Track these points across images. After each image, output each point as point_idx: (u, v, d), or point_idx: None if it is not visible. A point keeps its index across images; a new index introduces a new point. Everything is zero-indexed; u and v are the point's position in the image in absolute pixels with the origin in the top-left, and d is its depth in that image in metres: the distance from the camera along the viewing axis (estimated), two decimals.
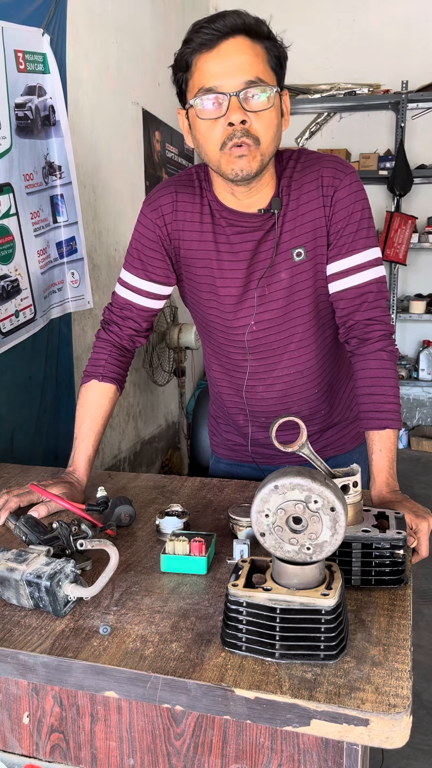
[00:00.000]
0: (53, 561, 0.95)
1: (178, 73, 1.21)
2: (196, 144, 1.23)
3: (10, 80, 1.95)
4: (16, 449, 2.19)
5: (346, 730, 0.74)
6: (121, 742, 0.89)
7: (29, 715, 0.92)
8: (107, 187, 3.04)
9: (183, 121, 1.26)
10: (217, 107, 1.16)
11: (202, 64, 1.15)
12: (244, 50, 1.14)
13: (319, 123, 5.07)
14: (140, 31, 3.42)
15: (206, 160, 1.24)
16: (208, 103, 1.16)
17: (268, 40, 1.17)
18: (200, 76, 1.16)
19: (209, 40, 1.13)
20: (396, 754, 1.98)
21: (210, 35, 1.13)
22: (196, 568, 1.03)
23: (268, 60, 1.17)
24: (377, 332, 1.30)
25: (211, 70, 1.15)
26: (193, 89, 1.18)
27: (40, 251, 2.18)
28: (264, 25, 1.17)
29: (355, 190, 1.28)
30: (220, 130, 1.17)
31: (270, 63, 1.18)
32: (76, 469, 1.37)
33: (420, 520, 1.14)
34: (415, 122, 4.84)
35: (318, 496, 0.79)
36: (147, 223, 1.37)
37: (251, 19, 1.15)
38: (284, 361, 1.40)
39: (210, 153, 1.21)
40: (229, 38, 1.13)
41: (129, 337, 1.44)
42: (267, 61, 1.17)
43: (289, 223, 1.29)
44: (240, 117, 1.15)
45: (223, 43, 1.14)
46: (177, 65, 1.20)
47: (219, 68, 1.14)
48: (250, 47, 1.15)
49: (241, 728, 0.83)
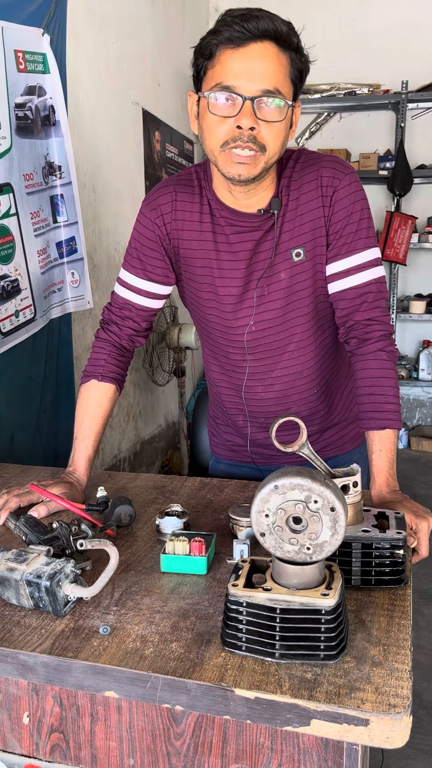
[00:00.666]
0: (53, 561, 0.95)
1: (199, 59, 1.19)
2: (200, 133, 1.23)
3: (10, 80, 1.95)
4: (16, 449, 2.19)
5: (346, 730, 0.74)
6: (121, 742, 0.89)
7: (29, 715, 0.92)
8: (107, 187, 3.04)
9: (192, 105, 1.25)
10: (230, 106, 1.15)
11: (225, 59, 1.14)
12: (269, 57, 1.13)
13: (319, 123, 5.07)
14: (140, 31, 3.42)
15: (206, 151, 1.24)
16: (222, 100, 1.15)
17: (295, 52, 1.16)
18: (221, 71, 1.15)
19: (238, 37, 1.12)
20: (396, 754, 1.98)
21: (240, 33, 1.11)
22: (196, 568, 1.03)
23: (290, 72, 1.17)
24: (377, 332, 1.30)
25: (233, 68, 1.14)
26: (211, 81, 1.17)
27: (40, 251, 2.18)
28: (295, 35, 1.16)
29: (355, 190, 1.28)
30: (227, 129, 1.17)
31: (291, 75, 1.17)
32: (76, 469, 1.37)
33: (420, 520, 1.14)
34: (415, 122, 4.84)
35: (318, 496, 0.79)
36: (146, 223, 1.37)
37: (284, 26, 1.14)
38: (283, 362, 1.40)
39: (211, 147, 1.20)
40: (258, 41, 1.12)
41: (128, 336, 1.44)
42: (289, 72, 1.16)
43: (289, 223, 1.29)
44: (250, 123, 1.14)
45: (251, 44, 1.12)
46: (200, 51, 1.18)
47: (241, 69, 1.13)
48: (276, 55, 1.14)
49: (241, 728, 0.83)
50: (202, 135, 1.23)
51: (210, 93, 1.16)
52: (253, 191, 1.26)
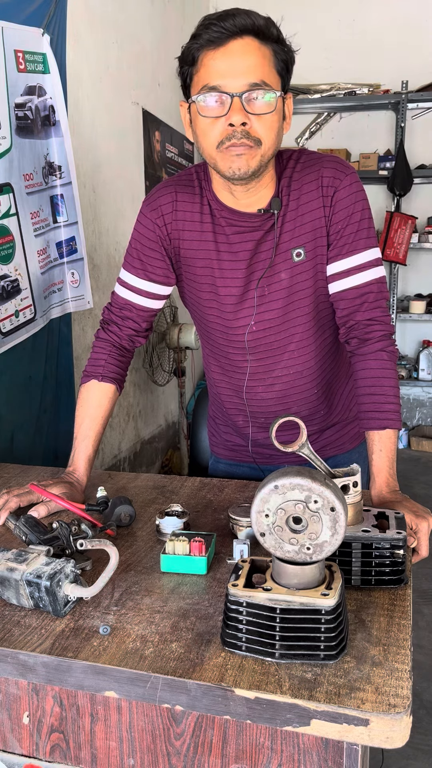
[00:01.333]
0: (53, 561, 0.95)
1: (184, 67, 1.20)
2: (195, 139, 1.24)
3: (10, 80, 1.95)
4: (16, 449, 2.19)
5: (346, 730, 0.74)
6: (121, 742, 0.89)
7: (29, 715, 0.92)
8: (107, 187, 3.04)
9: (185, 114, 1.25)
10: (219, 106, 1.16)
11: (208, 61, 1.15)
12: (251, 51, 1.14)
13: (319, 123, 5.07)
14: (140, 31, 3.42)
15: (203, 156, 1.24)
16: (211, 102, 1.16)
17: (276, 43, 1.16)
18: (205, 73, 1.16)
19: (217, 38, 1.13)
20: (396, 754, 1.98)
21: (219, 33, 1.12)
22: (196, 568, 1.03)
23: (275, 63, 1.17)
24: (377, 332, 1.31)
25: (216, 68, 1.14)
26: (197, 85, 1.17)
27: (40, 251, 2.18)
28: (274, 27, 1.16)
29: (356, 190, 1.28)
30: (220, 128, 1.17)
31: (276, 66, 1.17)
32: (76, 469, 1.37)
33: (420, 520, 1.14)
34: (415, 122, 4.84)
35: (318, 496, 0.79)
36: (147, 223, 1.37)
37: (261, 20, 1.14)
38: (284, 362, 1.40)
39: (207, 150, 1.21)
40: (237, 38, 1.13)
41: (128, 337, 1.44)
42: (273, 64, 1.17)
43: (289, 223, 1.29)
44: (241, 119, 1.14)
45: (231, 42, 1.13)
46: (183, 59, 1.20)
47: (224, 67, 1.14)
48: (258, 49, 1.14)
49: (241, 728, 0.83)
50: (197, 140, 1.23)
51: (198, 96, 1.16)
52: (253, 190, 1.26)
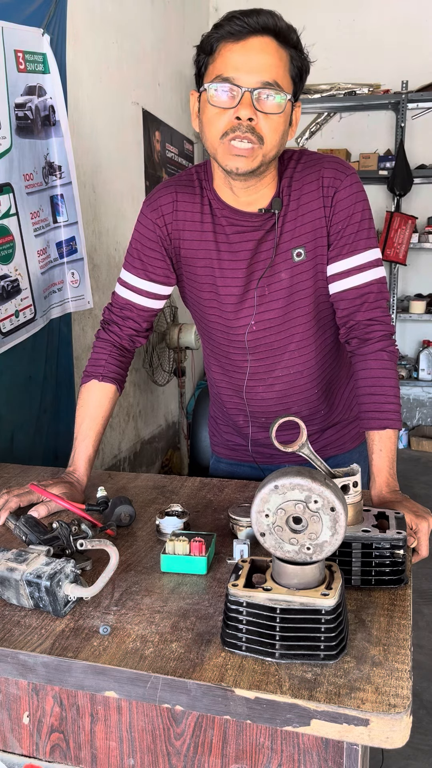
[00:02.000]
0: (53, 561, 0.95)
1: (201, 55, 1.22)
2: (201, 128, 1.24)
3: (10, 80, 1.95)
4: (16, 449, 2.19)
5: (346, 730, 0.74)
6: (121, 742, 0.89)
7: (29, 715, 0.92)
8: (107, 187, 3.04)
9: (194, 103, 1.26)
10: (229, 98, 1.17)
11: (226, 52, 1.16)
12: (269, 51, 1.15)
13: (319, 123, 5.07)
14: (140, 31, 3.42)
15: (206, 145, 1.25)
16: (222, 92, 1.17)
17: (294, 49, 1.18)
18: (221, 64, 1.17)
19: (238, 31, 1.14)
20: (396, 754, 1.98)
21: (240, 27, 1.14)
22: (196, 568, 1.03)
23: (290, 68, 1.18)
24: (378, 332, 1.31)
25: (233, 60, 1.15)
26: (211, 74, 1.18)
27: (40, 251, 2.18)
28: (294, 33, 1.18)
29: (356, 191, 1.28)
30: (226, 120, 1.18)
31: (291, 71, 1.19)
32: (76, 469, 1.37)
33: (420, 520, 1.14)
34: (415, 122, 4.84)
35: (318, 496, 0.79)
36: (147, 223, 1.37)
37: (284, 23, 1.16)
38: (284, 361, 1.40)
39: (210, 139, 1.21)
40: (258, 35, 1.14)
41: (129, 337, 1.44)
42: (288, 68, 1.18)
43: (290, 224, 1.29)
44: (248, 114, 1.15)
45: (251, 38, 1.15)
46: (201, 47, 1.21)
47: (241, 61, 1.15)
48: (276, 50, 1.16)
49: (241, 728, 0.83)
50: (202, 129, 1.24)
51: (210, 85, 1.18)
52: (253, 188, 1.26)
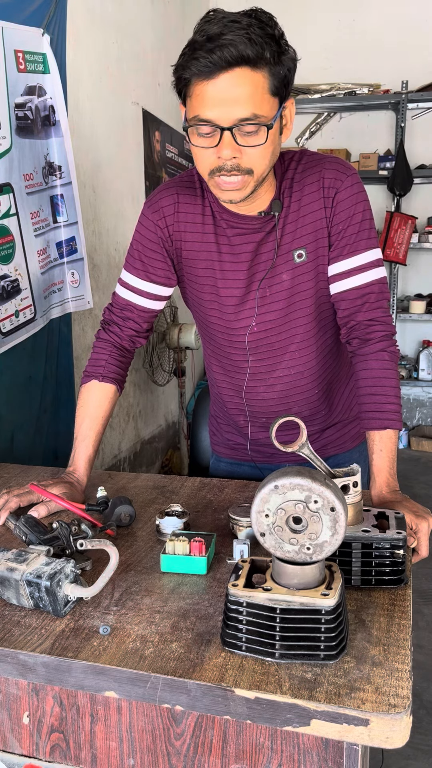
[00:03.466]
0: (53, 561, 0.95)
1: (178, 84, 1.16)
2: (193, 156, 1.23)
3: (10, 80, 1.95)
4: (16, 449, 2.19)
5: (346, 730, 0.74)
6: (121, 742, 0.89)
7: (29, 715, 0.92)
8: (107, 187, 3.04)
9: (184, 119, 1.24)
10: (210, 138, 1.14)
11: (199, 91, 1.11)
12: (241, 83, 1.08)
13: (319, 123, 5.07)
14: (140, 31, 3.42)
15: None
16: (203, 133, 1.14)
17: (272, 64, 1.10)
18: (197, 103, 1.12)
19: (207, 71, 1.08)
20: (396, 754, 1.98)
21: (207, 67, 1.07)
22: (196, 568, 1.03)
23: (270, 87, 1.11)
24: (379, 333, 1.31)
25: (206, 100, 1.11)
26: (191, 111, 1.15)
27: (40, 251, 2.18)
28: (269, 47, 1.08)
29: (357, 191, 1.28)
30: (212, 158, 1.16)
31: (272, 89, 1.12)
32: (76, 469, 1.37)
33: (420, 520, 1.14)
34: (415, 122, 4.84)
35: (318, 496, 0.79)
36: (148, 224, 1.37)
37: (251, 49, 1.06)
38: (285, 362, 1.40)
39: (202, 173, 1.21)
40: (227, 70, 1.07)
41: (129, 337, 1.44)
42: (267, 88, 1.11)
43: (291, 225, 1.29)
44: (231, 153, 1.13)
45: (221, 74, 1.08)
46: (176, 79, 1.16)
47: (214, 100, 1.10)
48: (249, 78, 1.08)
49: (241, 728, 0.83)
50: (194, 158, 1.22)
51: (190, 126, 1.15)
52: (251, 197, 1.26)
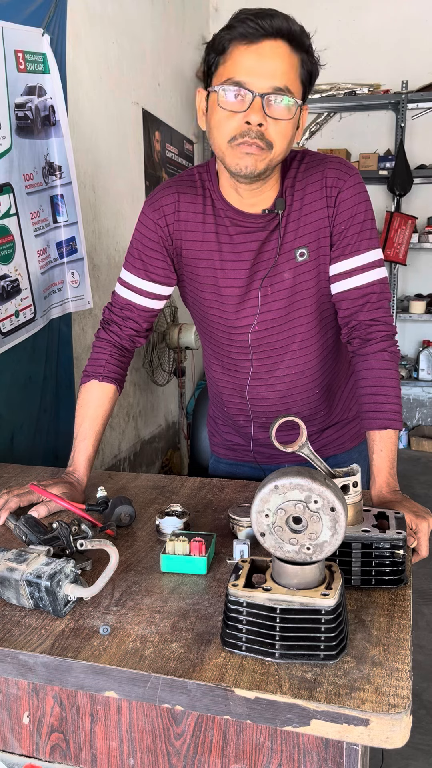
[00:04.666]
0: (53, 561, 0.95)
1: (211, 54, 1.19)
2: (208, 128, 1.24)
3: (10, 80, 1.95)
4: (16, 449, 2.19)
5: (346, 730, 0.74)
6: (121, 742, 0.89)
7: (29, 715, 0.92)
8: (107, 187, 3.04)
9: (201, 101, 1.25)
10: (240, 102, 1.15)
11: (238, 55, 1.15)
12: (281, 56, 1.14)
13: (319, 123, 5.07)
14: (140, 31, 3.42)
15: (213, 146, 1.24)
16: (232, 96, 1.15)
17: (306, 53, 1.17)
18: (233, 66, 1.15)
19: (252, 34, 1.13)
20: (396, 754, 1.98)
21: (254, 30, 1.12)
22: (196, 568, 1.03)
23: (301, 72, 1.17)
24: (380, 333, 1.31)
25: (245, 64, 1.14)
26: (222, 76, 1.17)
27: (40, 251, 2.18)
28: (307, 37, 1.16)
29: (359, 191, 1.29)
30: (236, 124, 1.17)
31: (301, 76, 1.18)
32: (76, 469, 1.37)
33: (420, 520, 1.14)
34: (415, 122, 4.84)
35: (318, 496, 0.79)
36: (148, 224, 1.37)
37: (297, 27, 1.15)
38: (286, 361, 1.40)
39: (218, 142, 1.21)
40: (270, 39, 1.13)
41: (129, 337, 1.44)
42: (299, 73, 1.17)
43: (293, 224, 1.30)
44: (258, 119, 1.15)
45: (264, 41, 1.13)
46: (212, 46, 1.19)
47: (253, 65, 1.14)
48: (288, 55, 1.14)
49: (241, 728, 0.83)
50: (210, 131, 1.23)
51: (220, 87, 1.16)
52: (258, 191, 1.26)
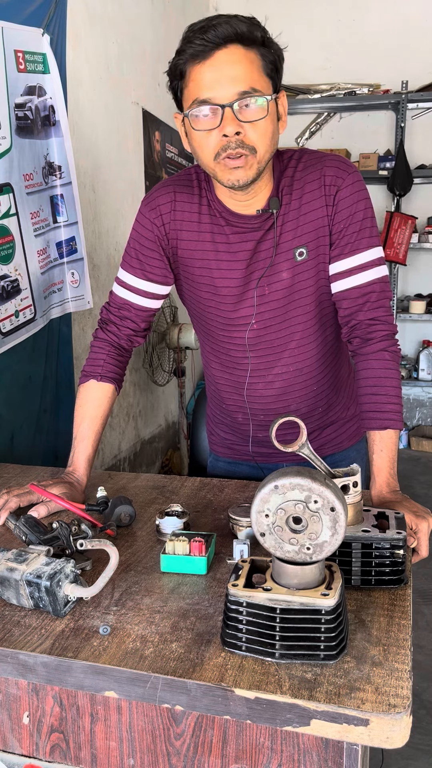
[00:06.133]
0: (53, 561, 0.95)
1: (173, 81, 1.20)
2: (192, 151, 1.24)
3: (10, 80, 1.95)
4: (16, 449, 2.19)
5: (346, 730, 0.74)
6: (121, 742, 0.89)
7: (29, 715, 0.92)
8: (107, 187, 3.04)
9: (180, 125, 1.25)
10: (211, 118, 1.15)
11: (195, 74, 1.14)
12: (237, 60, 1.13)
13: (319, 123, 5.07)
14: (140, 31, 3.42)
15: (203, 167, 1.24)
16: (203, 115, 1.16)
17: (262, 46, 1.15)
18: (195, 87, 1.15)
19: (201, 50, 1.12)
20: (396, 754, 1.98)
21: (202, 46, 1.12)
22: (196, 568, 1.03)
23: (263, 66, 1.16)
24: (380, 332, 1.31)
25: (204, 81, 1.14)
26: (188, 99, 1.17)
27: (40, 251, 2.18)
28: (258, 29, 1.14)
29: (358, 189, 1.28)
30: (215, 140, 1.17)
31: (265, 69, 1.16)
32: (76, 469, 1.37)
33: (420, 520, 1.14)
34: (415, 122, 4.84)
35: (318, 496, 0.79)
36: (145, 223, 1.37)
37: (243, 26, 1.12)
38: (285, 359, 1.40)
39: (205, 161, 1.21)
40: (221, 48, 1.12)
41: (127, 337, 1.44)
42: (261, 67, 1.15)
43: (291, 223, 1.29)
44: (234, 128, 1.14)
45: (215, 53, 1.12)
46: (171, 73, 1.19)
47: (212, 79, 1.13)
48: (244, 55, 1.13)
49: (241, 728, 0.83)
50: (194, 153, 1.23)
51: (190, 111, 1.16)
52: (252, 192, 1.26)
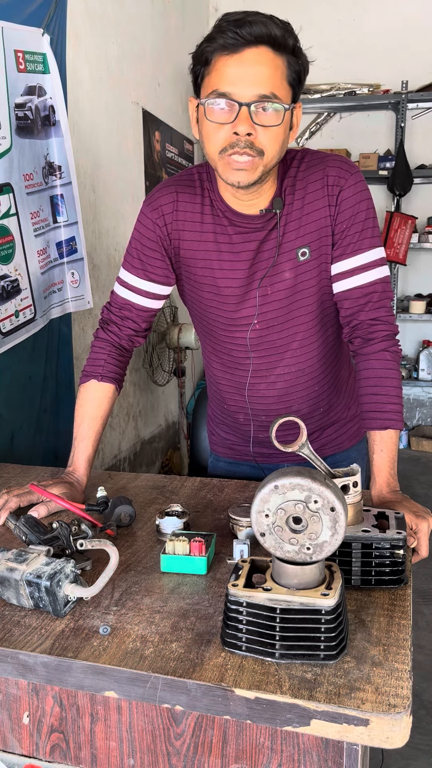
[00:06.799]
0: (53, 561, 0.95)
1: (196, 66, 1.19)
2: (200, 138, 1.24)
3: (10, 80, 1.94)
4: (16, 449, 2.19)
5: (346, 730, 0.74)
6: (121, 742, 0.89)
7: (29, 715, 0.92)
8: (107, 187, 3.04)
9: (193, 110, 1.25)
10: (227, 113, 1.15)
11: (220, 65, 1.14)
12: (264, 62, 1.12)
13: (319, 123, 5.07)
14: (140, 31, 3.42)
15: (206, 156, 1.24)
16: (219, 107, 1.15)
17: (291, 54, 1.15)
18: (217, 78, 1.15)
19: (232, 44, 1.11)
20: (396, 754, 1.98)
21: (234, 39, 1.11)
22: (196, 568, 1.03)
23: (287, 74, 1.15)
24: (381, 332, 1.31)
25: (228, 74, 1.13)
26: (208, 88, 1.17)
27: (40, 251, 2.18)
28: (291, 37, 1.14)
29: (360, 189, 1.29)
30: (225, 135, 1.16)
31: (288, 78, 1.16)
32: (76, 469, 1.37)
33: (420, 520, 1.14)
34: (415, 122, 4.84)
35: (318, 496, 0.79)
36: (147, 223, 1.37)
37: (278, 30, 1.12)
38: (286, 359, 1.40)
39: (210, 153, 1.21)
40: (252, 47, 1.11)
41: (128, 337, 1.44)
42: (286, 75, 1.15)
43: (294, 223, 1.29)
44: (247, 129, 1.14)
45: (245, 50, 1.12)
46: (196, 58, 1.18)
47: (236, 75, 1.13)
48: (272, 60, 1.13)
49: (241, 728, 0.83)
50: (201, 141, 1.23)
51: (207, 100, 1.16)
52: (255, 193, 1.26)
